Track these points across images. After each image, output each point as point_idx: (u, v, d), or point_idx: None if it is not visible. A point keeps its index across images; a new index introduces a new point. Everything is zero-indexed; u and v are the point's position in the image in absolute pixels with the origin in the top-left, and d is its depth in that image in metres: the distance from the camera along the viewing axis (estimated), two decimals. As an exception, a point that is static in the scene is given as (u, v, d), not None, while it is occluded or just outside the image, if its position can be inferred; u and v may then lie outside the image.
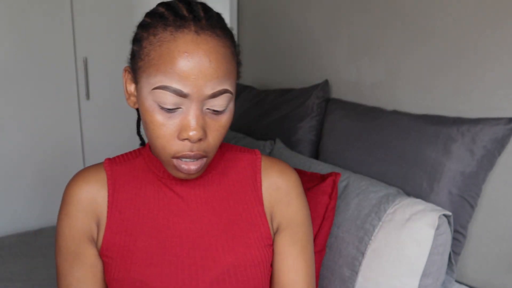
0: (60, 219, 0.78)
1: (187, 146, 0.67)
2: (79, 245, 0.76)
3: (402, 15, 1.51)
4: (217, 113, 0.68)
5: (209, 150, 0.70)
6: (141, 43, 0.69)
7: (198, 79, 0.64)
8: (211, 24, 0.67)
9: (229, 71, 0.68)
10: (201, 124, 0.66)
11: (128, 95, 0.74)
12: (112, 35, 2.20)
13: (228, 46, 0.68)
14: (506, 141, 1.23)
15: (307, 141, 1.73)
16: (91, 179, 0.78)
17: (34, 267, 1.62)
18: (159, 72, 0.64)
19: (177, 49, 0.64)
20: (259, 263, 0.78)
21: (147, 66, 0.66)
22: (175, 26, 0.65)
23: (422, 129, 1.34)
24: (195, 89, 0.64)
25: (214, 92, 0.66)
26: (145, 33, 0.69)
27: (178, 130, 0.67)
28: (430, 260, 1.12)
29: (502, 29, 1.24)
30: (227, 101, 0.68)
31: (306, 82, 1.87)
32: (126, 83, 0.74)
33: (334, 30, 1.78)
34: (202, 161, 0.70)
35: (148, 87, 0.66)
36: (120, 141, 2.29)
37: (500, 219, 1.27)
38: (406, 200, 1.19)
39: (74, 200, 0.77)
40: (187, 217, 0.78)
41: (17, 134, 2.02)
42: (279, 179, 0.83)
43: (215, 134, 0.69)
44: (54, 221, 2.10)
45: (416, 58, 1.47)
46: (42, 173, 2.10)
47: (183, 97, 0.65)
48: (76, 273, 0.76)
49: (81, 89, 2.14)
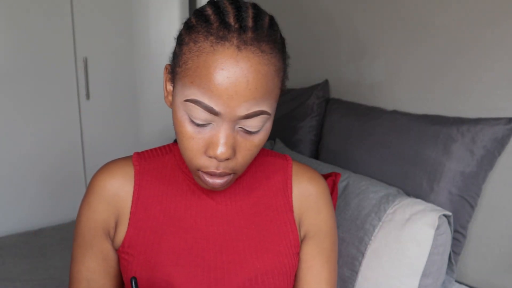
0: (82, 207, 0.76)
1: (214, 164, 0.65)
2: (95, 237, 0.75)
3: (402, 15, 1.51)
4: (250, 133, 0.64)
5: (238, 168, 0.67)
6: (182, 47, 0.65)
7: (232, 99, 0.59)
8: (257, 37, 0.61)
9: (269, 91, 0.63)
10: (231, 144, 0.63)
11: (166, 92, 0.71)
12: (112, 35, 2.20)
13: (272, 63, 0.62)
14: (506, 141, 1.23)
15: (307, 141, 1.73)
16: (117, 173, 0.76)
17: (34, 267, 1.62)
18: (193, 85, 0.61)
19: (214, 64, 0.59)
20: (287, 271, 0.77)
21: (183, 75, 0.63)
22: (217, 37, 0.60)
23: (422, 129, 1.34)
24: (227, 109, 0.60)
25: (248, 113, 0.61)
26: (187, 37, 0.64)
27: (206, 146, 0.64)
28: (430, 260, 1.12)
29: (502, 29, 1.24)
30: (262, 122, 0.64)
31: (306, 82, 1.87)
32: (166, 81, 0.71)
33: (334, 30, 1.78)
34: (228, 177, 0.67)
35: (181, 97, 0.63)
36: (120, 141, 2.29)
37: (500, 219, 1.27)
38: (406, 200, 1.19)
39: (97, 192, 0.75)
40: (216, 219, 0.76)
41: (17, 134, 2.02)
42: (309, 186, 0.81)
43: (245, 153, 0.66)
44: (54, 221, 2.11)
45: (416, 58, 1.47)
46: (42, 173, 2.10)
47: (214, 114, 0.61)
48: (87, 263, 0.75)
49: (81, 89, 2.15)
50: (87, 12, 2.09)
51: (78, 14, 2.07)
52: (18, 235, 1.88)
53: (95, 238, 0.75)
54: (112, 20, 2.19)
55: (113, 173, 0.76)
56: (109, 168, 0.77)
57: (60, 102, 2.10)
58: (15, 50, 1.96)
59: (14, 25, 1.93)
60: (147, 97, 2.35)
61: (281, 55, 0.65)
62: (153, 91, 2.34)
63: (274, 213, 0.79)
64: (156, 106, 2.32)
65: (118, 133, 2.30)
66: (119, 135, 2.30)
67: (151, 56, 2.33)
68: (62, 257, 1.69)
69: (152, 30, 2.34)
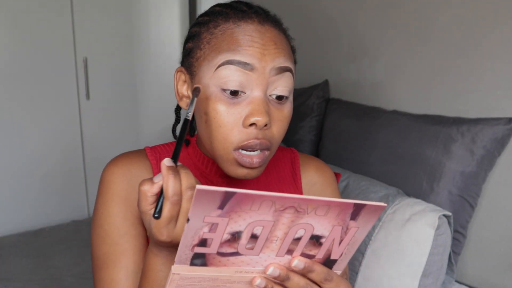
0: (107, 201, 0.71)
1: (253, 134, 0.64)
2: (134, 226, 0.70)
3: (403, 16, 1.51)
4: (280, 101, 0.66)
5: (273, 142, 0.67)
6: (200, 36, 0.67)
7: (263, 55, 0.63)
8: (271, 19, 0.68)
9: (291, 58, 0.68)
10: (267, 110, 0.64)
11: (179, 97, 0.71)
12: (112, 35, 2.20)
13: (288, 41, 0.69)
14: (506, 141, 1.23)
15: (307, 141, 1.73)
16: (136, 163, 0.73)
17: (34, 267, 1.62)
18: (222, 52, 0.63)
19: (242, 34, 0.64)
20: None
21: (209, 52, 0.65)
22: (237, 17, 0.65)
23: (422, 129, 1.34)
24: (261, 63, 0.63)
25: (280, 66, 0.64)
26: (203, 28, 0.67)
27: (242, 117, 0.64)
28: (430, 260, 1.12)
29: (501, 30, 1.24)
30: (290, 85, 0.67)
31: (306, 82, 1.87)
32: (178, 84, 0.71)
33: (334, 30, 1.78)
34: (264, 154, 0.66)
35: (210, 71, 0.64)
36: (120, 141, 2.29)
37: (500, 219, 1.27)
38: (406, 200, 1.19)
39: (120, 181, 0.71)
40: None
41: (17, 134, 2.02)
42: (316, 175, 0.82)
43: (278, 124, 0.67)
44: (54, 221, 2.10)
45: (416, 58, 1.47)
46: (42, 172, 2.09)
47: (248, 70, 0.62)
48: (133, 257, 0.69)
49: (81, 89, 2.14)
50: (87, 12, 2.09)
51: (78, 14, 2.07)
52: (18, 235, 1.88)
53: (135, 227, 0.70)
54: (112, 20, 2.19)
55: (132, 162, 0.73)
56: (125, 158, 0.74)
57: (60, 102, 2.10)
58: (15, 50, 1.96)
59: (14, 25, 1.93)
60: (147, 97, 2.35)
61: (289, 40, 0.71)
62: (153, 91, 2.34)
63: None
64: (156, 106, 2.32)
65: (118, 133, 2.30)
66: (119, 135, 2.30)
67: (151, 56, 2.33)
68: (62, 257, 1.69)
69: (152, 30, 2.34)
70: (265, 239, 0.48)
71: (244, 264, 0.50)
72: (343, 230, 0.49)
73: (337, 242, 0.50)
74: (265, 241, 0.48)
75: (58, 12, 2.03)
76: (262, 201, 0.44)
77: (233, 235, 0.47)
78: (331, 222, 0.48)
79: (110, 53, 2.21)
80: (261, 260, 0.50)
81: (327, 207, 0.46)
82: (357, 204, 0.46)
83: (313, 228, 0.48)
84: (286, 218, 0.47)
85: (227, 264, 0.50)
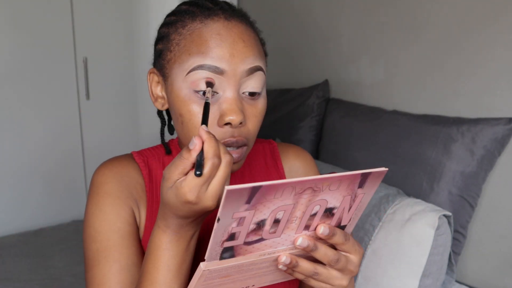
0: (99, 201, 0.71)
1: (228, 132, 0.65)
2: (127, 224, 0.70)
3: (402, 16, 1.51)
4: (253, 97, 0.67)
5: (249, 138, 0.68)
6: (168, 37, 0.68)
7: (233, 57, 0.63)
8: (237, 14, 0.68)
9: (261, 53, 0.68)
10: (240, 108, 0.65)
11: (154, 98, 0.72)
12: (112, 35, 2.20)
13: (255, 34, 0.69)
14: (506, 141, 1.23)
15: (307, 141, 1.73)
16: (125, 165, 0.74)
17: (34, 267, 1.62)
18: (192, 55, 0.64)
19: (209, 33, 0.64)
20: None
21: (179, 54, 0.65)
22: (204, 15, 0.65)
23: (422, 129, 1.34)
24: (232, 66, 0.63)
25: (250, 67, 0.65)
26: (171, 29, 0.68)
27: (216, 117, 0.65)
28: (430, 260, 1.12)
29: (502, 30, 1.24)
30: (261, 82, 0.67)
31: (306, 82, 1.87)
32: (152, 86, 0.72)
33: (334, 30, 1.78)
34: (242, 150, 0.68)
35: (182, 74, 0.65)
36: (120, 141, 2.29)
37: (500, 219, 1.27)
38: (406, 200, 1.19)
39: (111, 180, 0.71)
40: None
41: (17, 134, 2.02)
42: (296, 160, 0.84)
43: (253, 120, 0.68)
44: (54, 221, 2.11)
45: (416, 58, 1.47)
46: (42, 173, 2.10)
47: (219, 74, 0.63)
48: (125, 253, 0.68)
49: (81, 89, 2.14)
50: (87, 12, 2.09)
51: (78, 14, 2.07)
52: (18, 235, 1.88)
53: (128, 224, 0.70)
54: (112, 20, 2.19)
55: (121, 165, 0.74)
56: (113, 162, 0.74)
57: (60, 102, 2.10)
58: (15, 50, 1.96)
59: (14, 25, 1.93)
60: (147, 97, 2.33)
61: (257, 33, 0.71)
62: (153, 91, 2.34)
63: None
64: (156, 106, 2.32)
65: (118, 133, 2.30)
66: (119, 135, 2.30)
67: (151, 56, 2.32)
68: (62, 257, 1.69)
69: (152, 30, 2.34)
70: (286, 221, 0.51)
71: (267, 248, 0.53)
72: (352, 198, 0.53)
73: (346, 210, 0.54)
74: (286, 222, 0.51)
75: (58, 12, 2.03)
76: (284, 189, 0.47)
77: (258, 224, 0.50)
78: (342, 193, 0.52)
79: (110, 53, 2.21)
80: (282, 240, 0.53)
81: (339, 181, 0.50)
82: (364, 173, 0.51)
83: (327, 202, 0.52)
84: (304, 199, 0.50)
85: (252, 251, 0.52)
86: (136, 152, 0.78)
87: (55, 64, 2.05)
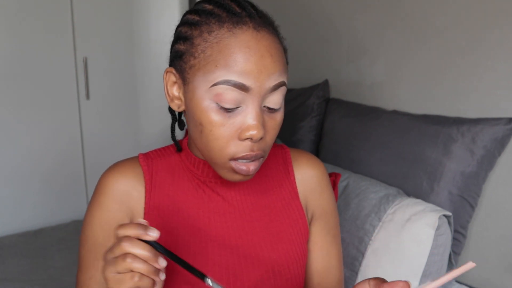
0: (92, 209, 0.73)
1: (248, 146, 0.65)
2: (108, 238, 0.72)
3: (402, 15, 1.51)
4: (273, 110, 0.67)
5: (266, 150, 0.68)
6: (192, 41, 0.65)
7: (261, 73, 0.62)
8: (264, 22, 0.66)
9: (285, 66, 0.68)
10: (262, 123, 0.64)
11: (170, 98, 0.71)
12: (112, 35, 2.20)
13: (280, 43, 0.68)
14: (506, 141, 1.23)
15: (307, 141, 1.73)
16: (128, 172, 0.74)
17: (34, 267, 1.62)
18: (219, 67, 0.62)
19: (238, 45, 0.62)
20: (300, 259, 0.78)
21: (204, 63, 0.63)
22: (232, 23, 0.63)
23: (422, 129, 1.34)
24: (258, 83, 0.62)
25: (275, 84, 0.64)
26: (195, 31, 0.65)
27: (238, 130, 0.64)
28: (430, 260, 1.12)
29: (502, 30, 1.24)
30: (282, 97, 0.67)
31: (306, 82, 1.87)
32: (167, 85, 0.70)
33: (334, 30, 1.78)
34: (259, 162, 0.68)
35: (205, 85, 0.64)
36: (120, 141, 2.29)
37: (500, 219, 1.27)
38: (406, 201, 1.19)
39: (109, 191, 0.73)
40: (228, 216, 0.76)
41: (17, 134, 2.02)
42: (309, 169, 0.83)
43: (271, 132, 0.68)
44: (54, 221, 2.11)
45: (416, 58, 1.47)
46: (42, 173, 2.09)
47: (244, 91, 0.62)
48: (100, 266, 0.70)
49: (81, 89, 2.14)
50: (87, 12, 2.09)
51: (78, 14, 2.07)
52: (18, 235, 1.88)
53: (109, 239, 0.72)
54: (112, 20, 2.19)
55: (123, 172, 0.75)
56: (118, 167, 0.75)
57: (60, 102, 2.10)
58: (15, 50, 1.96)
59: (14, 25, 1.93)
60: (147, 97, 2.35)
61: (282, 42, 0.70)
62: (153, 91, 2.34)
63: (282, 202, 0.80)
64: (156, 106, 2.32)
65: (118, 133, 2.30)
66: (119, 135, 2.30)
67: (151, 56, 2.33)
68: (62, 257, 1.69)
69: (152, 30, 2.34)
70: None
71: None
72: None
73: None
74: None
75: (58, 12, 2.03)
76: None
77: None
78: None
79: (110, 53, 2.21)
80: None
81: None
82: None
83: None
84: None
85: None
86: (142, 154, 0.79)
87: (55, 64, 2.05)
